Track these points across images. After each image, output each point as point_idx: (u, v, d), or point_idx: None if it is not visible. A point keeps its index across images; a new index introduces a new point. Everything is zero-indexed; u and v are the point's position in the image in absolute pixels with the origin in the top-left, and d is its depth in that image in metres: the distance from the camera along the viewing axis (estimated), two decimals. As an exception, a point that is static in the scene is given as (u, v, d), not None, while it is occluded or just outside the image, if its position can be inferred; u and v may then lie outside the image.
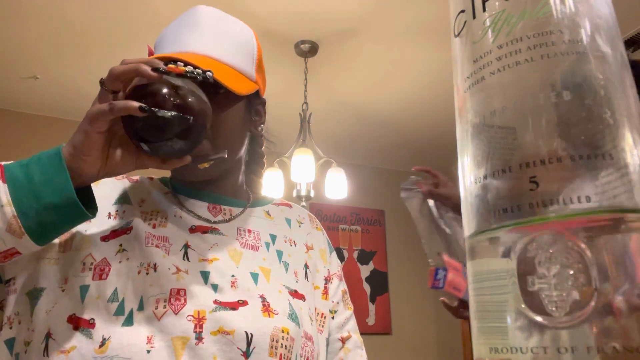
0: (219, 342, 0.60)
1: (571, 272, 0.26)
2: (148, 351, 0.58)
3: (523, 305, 0.27)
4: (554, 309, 0.26)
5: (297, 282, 0.74)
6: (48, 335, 0.59)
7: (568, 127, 0.28)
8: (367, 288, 3.92)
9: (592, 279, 0.26)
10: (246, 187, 0.84)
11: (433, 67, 2.87)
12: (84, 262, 0.63)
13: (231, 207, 0.77)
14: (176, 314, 0.60)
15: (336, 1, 2.38)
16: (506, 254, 0.28)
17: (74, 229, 0.66)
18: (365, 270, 3.97)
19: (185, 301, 0.62)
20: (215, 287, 0.65)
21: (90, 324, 0.59)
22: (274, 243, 0.77)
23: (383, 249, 4.10)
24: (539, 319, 0.26)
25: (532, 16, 0.31)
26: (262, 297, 0.66)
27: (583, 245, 0.26)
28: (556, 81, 0.29)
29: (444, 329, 4.12)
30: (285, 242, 0.78)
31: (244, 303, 0.64)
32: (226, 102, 0.69)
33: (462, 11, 0.35)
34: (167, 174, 0.74)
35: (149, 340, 0.59)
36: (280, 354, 0.63)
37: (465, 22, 0.34)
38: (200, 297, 0.63)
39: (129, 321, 0.60)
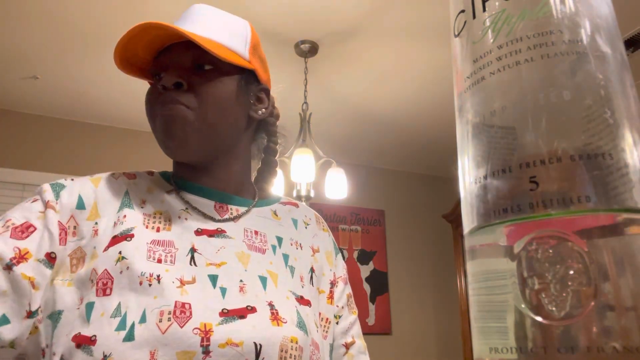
0: (227, 354, 0.58)
1: (571, 272, 0.26)
2: None
3: (523, 305, 0.27)
4: (554, 308, 0.26)
5: (302, 287, 0.73)
6: (62, 358, 0.58)
7: (568, 127, 0.28)
8: (367, 288, 3.92)
9: (592, 279, 0.26)
10: (254, 185, 0.83)
11: (433, 67, 2.87)
12: (92, 280, 0.61)
13: (238, 206, 0.76)
14: (181, 327, 0.58)
15: (336, 1, 2.38)
16: (506, 254, 0.28)
17: (84, 246, 0.64)
18: (365, 270, 3.96)
19: (190, 314, 0.59)
20: (223, 291, 0.63)
21: (92, 340, 0.57)
22: (280, 246, 0.75)
23: (383, 249, 4.10)
24: (539, 319, 0.26)
25: (532, 16, 0.31)
26: (270, 304, 0.65)
27: (583, 245, 0.26)
28: (556, 81, 0.29)
29: (444, 329, 4.12)
30: (292, 245, 0.77)
31: (252, 310, 0.62)
32: (213, 76, 0.69)
33: (462, 11, 0.35)
34: (169, 168, 0.73)
35: (152, 356, 0.56)
36: None
37: (465, 22, 0.34)
38: (207, 309, 0.60)
39: (130, 336, 0.57)
